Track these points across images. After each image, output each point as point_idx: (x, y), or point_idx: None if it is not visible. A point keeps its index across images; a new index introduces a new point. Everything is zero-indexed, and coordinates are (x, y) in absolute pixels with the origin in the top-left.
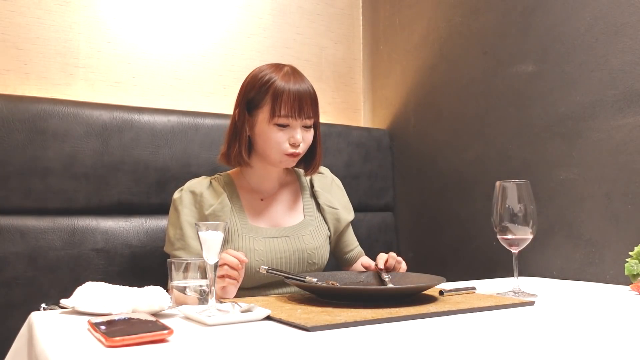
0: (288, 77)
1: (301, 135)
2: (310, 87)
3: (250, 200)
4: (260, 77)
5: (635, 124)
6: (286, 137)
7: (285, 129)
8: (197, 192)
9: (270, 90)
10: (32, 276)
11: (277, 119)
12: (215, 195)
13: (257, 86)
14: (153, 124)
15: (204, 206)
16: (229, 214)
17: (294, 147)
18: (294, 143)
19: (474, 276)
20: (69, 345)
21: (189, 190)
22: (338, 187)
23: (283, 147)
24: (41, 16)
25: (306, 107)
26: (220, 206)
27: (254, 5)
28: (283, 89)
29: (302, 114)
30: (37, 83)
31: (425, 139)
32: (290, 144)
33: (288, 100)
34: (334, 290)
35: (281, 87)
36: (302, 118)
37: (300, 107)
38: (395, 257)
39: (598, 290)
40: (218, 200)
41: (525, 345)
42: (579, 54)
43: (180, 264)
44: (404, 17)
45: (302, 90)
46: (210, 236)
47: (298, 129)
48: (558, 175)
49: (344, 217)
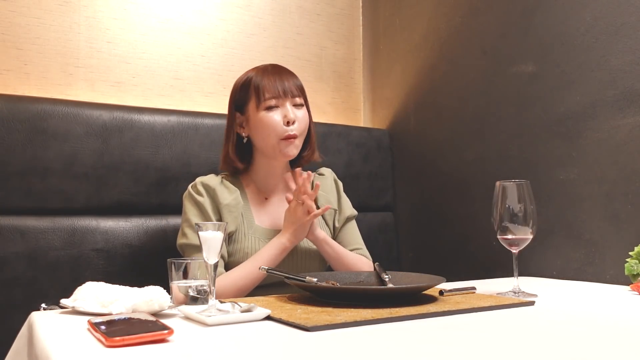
0: (265, 68)
1: (293, 112)
2: (292, 75)
3: (255, 200)
4: (242, 80)
5: (635, 124)
6: (279, 118)
7: (276, 110)
8: (211, 186)
9: (252, 84)
10: (32, 276)
11: (264, 102)
12: (229, 191)
13: (240, 87)
14: (153, 124)
15: (219, 198)
16: (240, 211)
17: (288, 128)
18: (288, 121)
19: (474, 276)
20: (69, 345)
21: (202, 183)
22: (336, 189)
23: (278, 130)
24: (41, 16)
25: (289, 85)
26: (235, 202)
27: (254, 5)
28: (262, 77)
29: (288, 93)
30: (37, 83)
31: (425, 139)
32: (284, 123)
33: (269, 83)
34: (334, 290)
35: (260, 76)
36: (288, 97)
37: (283, 86)
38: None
39: (598, 290)
40: (232, 197)
41: (525, 345)
42: (579, 54)
43: (180, 264)
44: (404, 17)
45: (282, 75)
46: (210, 236)
47: (288, 106)
48: (558, 175)
49: (339, 217)
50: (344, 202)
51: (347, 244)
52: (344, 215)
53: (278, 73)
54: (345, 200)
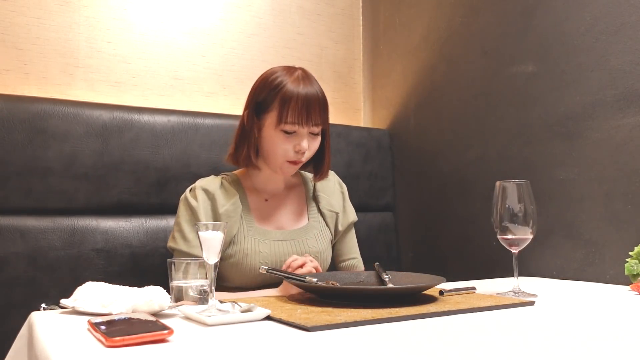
0: (298, 82)
1: (307, 143)
2: (319, 92)
3: (256, 202)
4: (270, 80)
5: (635, 124)
6: (292, 145)
7: (292, 136)
8: (210, 191)
9: (279, 95)
10: (32, 276)
11: (284, 125)
12: (228, 195)
13: (266, 89)
14: (153, 124)
15: (217, 205)
16: (239, 214)
17: (297, 155)
18: (298, 150)
19: (474, 276)
20: (69, 345)
21: (201, 188)
22: (341, 192)
23: (287, 154)
24: (41, 16)
25: (314, 113)
26: (233, 207)
27: (254, 5)
28: (292, 94)
29: (310, 121)
30: (37, 83)
31: (425, 139)
32: (295, 151)
33: (296, 106)
34: (334, 290)
35: (290, 91)
36: (309, 125)
37: (308, 113)
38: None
39: (598, 290)
40: (231, 202)
41: (525, 345)
42: (579, 54)
43: (180, 264)
44: (404, 17)
45: (310, 95)
46: (210, 236)
47: (305, 137)
48: (558, 175)
49: (342, 221)
50: (348, 206)
51: (344, 253)
52: (347, 219)
53: (307, 89)
54: (349, 204)
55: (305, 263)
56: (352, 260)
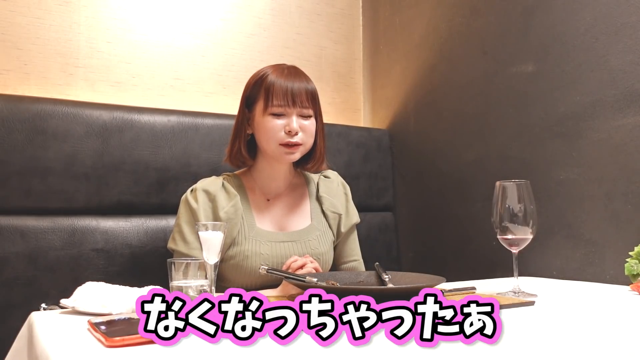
0: (282, 71)
1: (298, 123)
2: (306, 82)
3: (257, 202)
4: (256, 75)
5: (635, 124)
6: (282, 126)
7: (281, 118)
8: (211, 192)
9: (264, 84)
10: (32, 276)
11: (270, 108)
12: (229, 197)
13: (252, 83)
14: (153, 124)
15: (218, 207)
16: (240, 216)
17: (289, 136)
18: (289, 131)
19: (474, 276)
20: (69, 345)
21: (202, 189)
22: (344, 193)
23: (278, 136)
24: (41, 16)
25: (300, 96)
26: (234, 209)
27: (254, 5)
28: (275, 80)
29: (297, 103)
30: (37, 83)
31: (425, 139)
32: (286, 132)
33: (280, 89)
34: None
35: (273, 79)
36: (296, 107)
37: (294, 96)
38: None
39: (598, 290)
40: (231, 203)
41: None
42: (579, 54)
43: (180, 264)
44: (404, 17)
45: (295, 82)
46: (210, 236)
47: (293, 117)
48: (558, 175)
49: (345, 223)
50: (351, 208)
51: (346, 255)
52: (350, 221)
53: (292, 79)
54: (352, 205)
55: (305, 264)
56: (353, 262)
